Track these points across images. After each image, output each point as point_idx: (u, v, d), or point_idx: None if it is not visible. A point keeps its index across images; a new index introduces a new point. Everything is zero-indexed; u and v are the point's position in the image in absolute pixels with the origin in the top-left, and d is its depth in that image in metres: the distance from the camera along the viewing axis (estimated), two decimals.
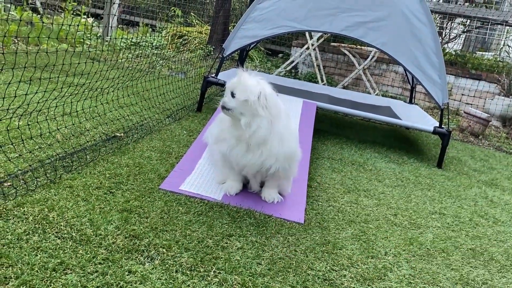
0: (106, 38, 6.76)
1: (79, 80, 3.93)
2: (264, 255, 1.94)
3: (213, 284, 1.69)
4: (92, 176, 2.37)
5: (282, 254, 1.98)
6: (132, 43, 6.92)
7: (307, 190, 2.71)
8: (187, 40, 7.78)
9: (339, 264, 2.00)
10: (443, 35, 8.12)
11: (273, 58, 8.58)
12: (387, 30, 4.12)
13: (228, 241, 2.00)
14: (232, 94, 2.28)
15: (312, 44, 7.22)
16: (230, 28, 8.03)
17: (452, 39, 8.39)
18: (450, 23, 8.27)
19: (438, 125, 4.08)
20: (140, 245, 1.83)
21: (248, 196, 2.50)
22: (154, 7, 9.63)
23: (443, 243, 2.41)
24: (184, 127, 3.65)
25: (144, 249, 1.81)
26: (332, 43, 7.58)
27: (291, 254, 1.99)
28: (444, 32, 8.17)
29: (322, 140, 4.07)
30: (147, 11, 9.53)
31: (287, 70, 7.39)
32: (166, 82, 4.51)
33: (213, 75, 4.31)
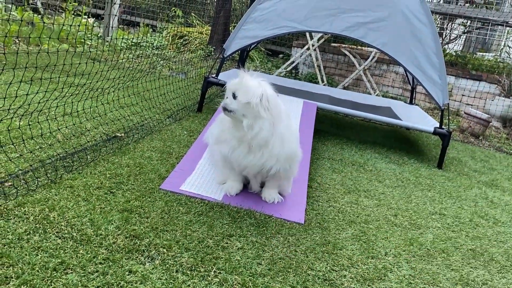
0: (106, 39, 6.77)
1: (79, 80, 3.94)
2: (264, 255, 1.94)
3: (213, 284, 1.69)
4: (92, 176, 2.38)
5: (282, 254, 1.98)
6: (133, 44, 6.92)
7: (307, 190, 2.72)
8: (188, 41, 7.78)
9: (339, 264, 2.00)
10: (444, 36, 8.13)
11: (273, 59, 8.58)
12: (388, 30, 4.12)
13: (229, 241, 2.00)
14: (234, 95, 2.27)
15: (313, 45, 7.22)
16: (230, 28, 8.03)
17: (453, 40, 8.39)
18: (450, 23, 8.27)
19: (438, 125, 4.09)
20: (140, 245, 1.84)
21: (249, 197, 2.51)
22: (154, 7, 9.64)
23: (443, 243, 2.42)
24: (185, 127, 3.66)
25: (145, 249, 1.82)
26: (332, 44, 7.59)
27: (291, 254, 2.00)
28: (444, 33, 8.17)
29: (322, 141, 4.07)
30: (147, 12, 9.54)
31: (287, 70, 7.40)
32: (166, 83, 4.51)
33: (213, 75, 4.31)
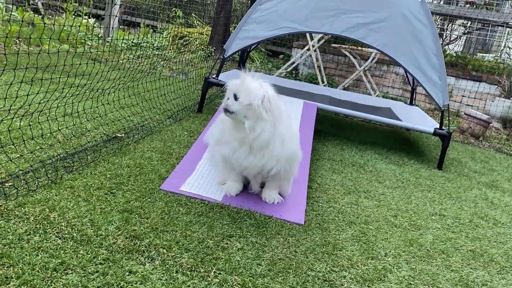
0: (107, 39, 6.77)
1: (80, 80, 3.94)
2: (264, 256, 1.94)
3: (213, 284, 1.69)
4: (93, 176, 2.38)
5: (282, 255, 1.99)
6: (133, 44, 6.93)
7: (307, 191, 2.72)
8: (188, 41, 7.79)
9: (339, 265, 2.00)
10: (444, 37, 8.13)
11: (273, 59, 8.59)
12: (388, 31, 4.12)
13: (229, 241, 2.00)
14: (235, 97, 2.26)
15: (313, 45, 7.23)
16: (231, 29, 8.04)
17: (453, 41, 8.39)
18: (450, 24, 8.27)
19: (438, 126, 4.09)
20: (140, 245, 1.84)
21: (249, 197, 2.51)
22: (155, 8, 9.65)
23: (443, 244, 2.42)
24: (185, 128, 3.66)
25: (145, 249, 1.82)
26: (332, 45, 7.59)
27: (291, 255, 2.00)
28: (444, 34, 8.17)
29: (322, 141, 4.08)
30: (148, 12, 9.54)
31: (287, 71, 7.40)
32: (167, 83, 4.52)
33: (214, 76, 4.32)
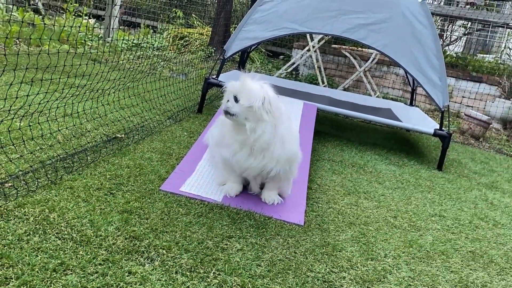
0: (107, 40, 6.78)
1: (80, 81, 3.95)
2: (263, 257, 1.94)
3: (212, 285, 1.69)
4: (92, 177, 2.38)
5: (281, 255, 1.99)
6: (133, 45, 6.93)
7: (307, 192, 2.72)
8: (188, 42, 7.79)
9: (339, 266, 2.00)
10: (444, 38, 8.13)
11: (274, 60, 8.59)
12: (388, 32, 4.12)
13: (228, 242, 2.00)
14: (235, 99, 2.25)
15: (313, 46, 7.23)
16: (231, 29, 8.04)
17: (453, 42, 8.39)
18: (451, 25, 8.27)
19: (438, 127, 4.09)
20: (140, 246, 1.84)
21: (248, 198, 2.51)
22: (155, 8, 9.65)
23: (442, 245, 2.42)
24: (185, 128, 3.66)
25: (144, 250, 1.82)
26: (333, 45, 7.59)
27: (290, 256, 2.00)
28: (445, 35, 8.17)
29: (322, 142, 4.08)
30: (148, 13, 9.55)
31: (288, 71, 7.40)
32: (167, 84, 4.52)
33: (214, 76, 4.32)
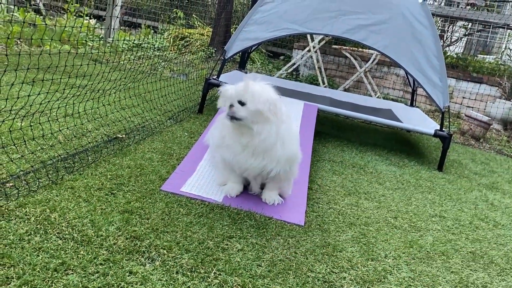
0: (108, 40, 6.78)
1: (81, 81, 3.95)
2: (264, 257, 1.94)
3: (213, 285, 1.69)
4: (93, 177, 2.38)
5: (282, 256, 1.99)
6: (134, 45, 6.94)
7: (307, 192, 2.72)
8: (189, 42, 7.80)
9: (339, 266, 2.00)
10: (445, 38, 8.13)
11: (274, 60, 8.59)
12: (389, 33, 4.12)
13: (229, 242, 2.01)
14: (240, 103, 2.24)
15: (314, 47, 7.23)
16: (232, 30, 8.04)
17: (454, 42, 8.39)
18: (451, 26, 8.27)
19: (439, 128, 4.09)
20: (141, 246, 1.84)
21: (249, 198, 2.51)
22: (156, 9, 9.66)
23: (443, 246, 2.42)
24: (186, 128, 3.66)
25: (145, 250, 1.82)
26: (333, 46, 7.59)
27: (291, 256, 2.00)
28: (445, 35, 8.18)
29: (323, 143, 4.08)
30: (149, 13, 9.56)
31: (288, 72, 7.41)
32: (167, 84, 4.52)
33: (214, 77, 4.32)
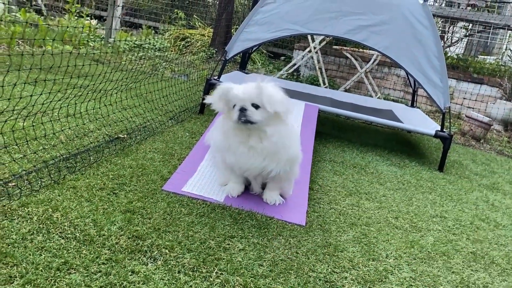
0: (109, 40, 6.80)
1: (83, 82, 3.96)
2: (265, 257, 1.95)
3: (215, 285, 1.70)
4: (95, 177, 2.39)
5: (283, 256, 1.99)
6: (135, 45, 6.95)
7: (308, 192, 2.73)
8: (190, 43, 7.81)
9: (340, 266, 2.01)
10: (445, 39, 8.14)
11: (275, 61, 8.60)
12: (389, 33, 4.13)
13: (230, 242, 2.01)
14: (254, 106, 2.21)
15: (314, 47, 7.24)
16: (232, 30, 8.05)
17: (454, 43, 8.40)
18: (452, 27, 8.28)
19: (439, 128, 4.09)
20: (143, 245, 1.85)
21: (250, 198, 2.52)
22: (157, 9, 9.67)
23: (444, 246, 2.42)
24: (187, 129, 3.67)
25: (147, 249, 1.83)
26: (334, 46, 7.60)
27: (292, 256, 2.01)
28: (446, 36, 8.18)
29: (323, 143, 4.08)
30: (150, 14, 9.57)
31: (289, 72, 7.42)
32: (169, 84, 4.53)
33: (215, 77, 4.33)
